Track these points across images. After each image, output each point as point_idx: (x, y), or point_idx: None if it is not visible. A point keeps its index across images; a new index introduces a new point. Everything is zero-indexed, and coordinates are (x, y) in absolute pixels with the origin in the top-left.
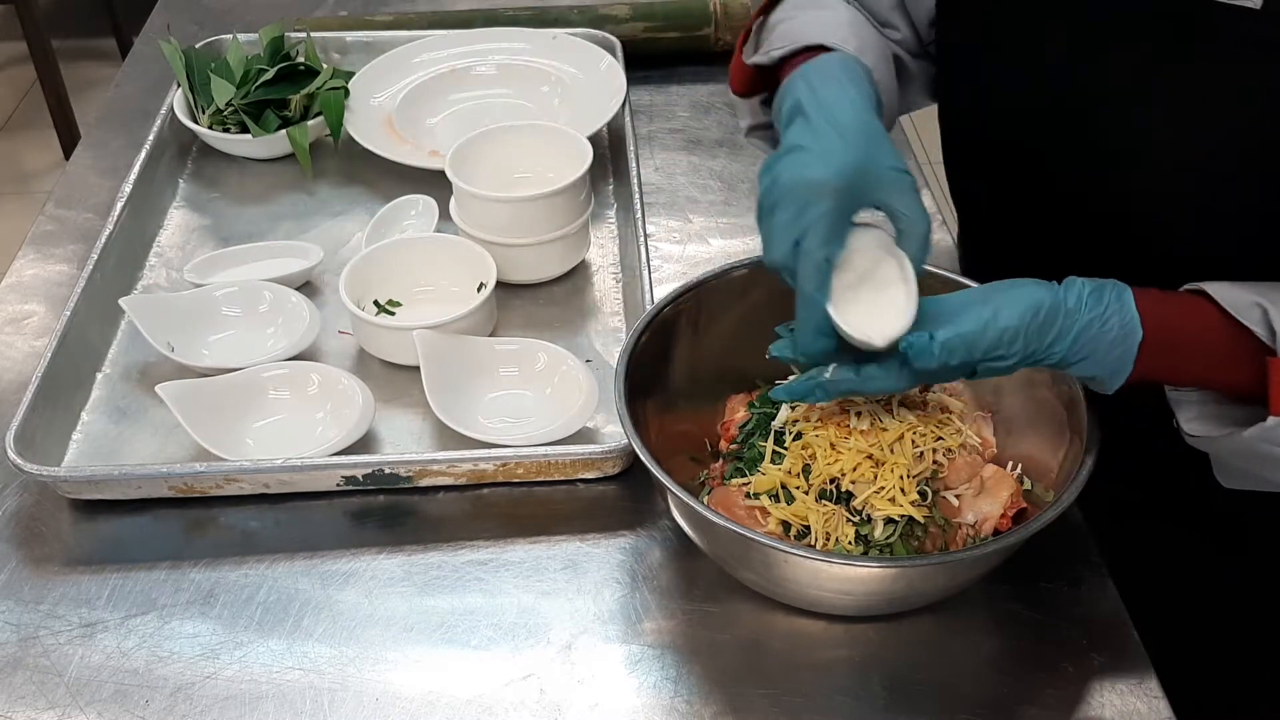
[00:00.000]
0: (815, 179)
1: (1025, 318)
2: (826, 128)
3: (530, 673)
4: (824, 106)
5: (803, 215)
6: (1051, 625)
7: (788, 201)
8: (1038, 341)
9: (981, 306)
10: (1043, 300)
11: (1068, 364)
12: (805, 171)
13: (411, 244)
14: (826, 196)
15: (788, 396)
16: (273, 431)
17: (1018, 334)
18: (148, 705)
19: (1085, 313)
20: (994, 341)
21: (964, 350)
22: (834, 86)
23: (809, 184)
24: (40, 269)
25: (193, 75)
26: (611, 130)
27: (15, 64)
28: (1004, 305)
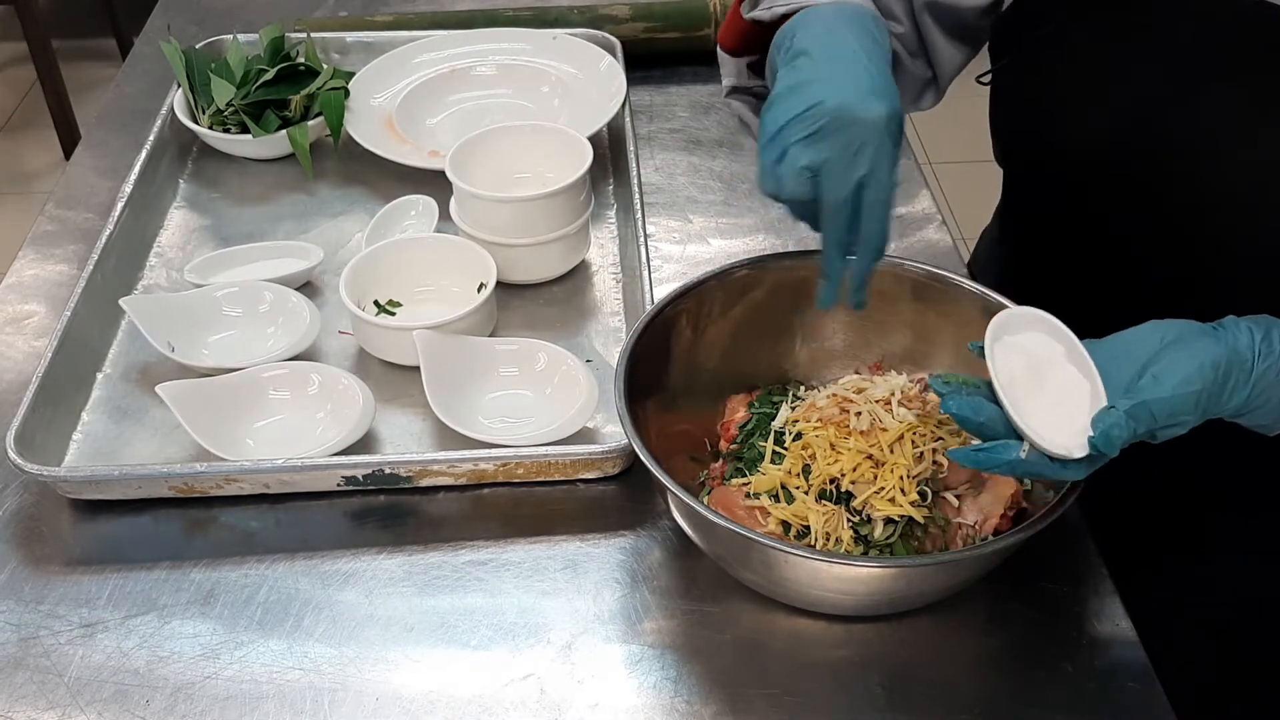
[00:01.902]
0: (872, 114)
1: (1208, 378)
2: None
3: (530, 673)
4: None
5: (861, 154)
6: (1051, 625)
7: (836, 130)
8: (1217, 399)
9: (1155, 365)
10: (1219, 355)
11: (1239, 416)
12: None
13: (411, 244)
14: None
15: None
16: (273, 431)
17: (1201, 396)
18: (148, 705)
19: (1259, 361)
20: (1180, 407)
21: (1149, 419)
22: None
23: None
24: (40, 269)
25: (193, 75)
26: (611, 130)
27: (15, 64)
28: (1180, 365)
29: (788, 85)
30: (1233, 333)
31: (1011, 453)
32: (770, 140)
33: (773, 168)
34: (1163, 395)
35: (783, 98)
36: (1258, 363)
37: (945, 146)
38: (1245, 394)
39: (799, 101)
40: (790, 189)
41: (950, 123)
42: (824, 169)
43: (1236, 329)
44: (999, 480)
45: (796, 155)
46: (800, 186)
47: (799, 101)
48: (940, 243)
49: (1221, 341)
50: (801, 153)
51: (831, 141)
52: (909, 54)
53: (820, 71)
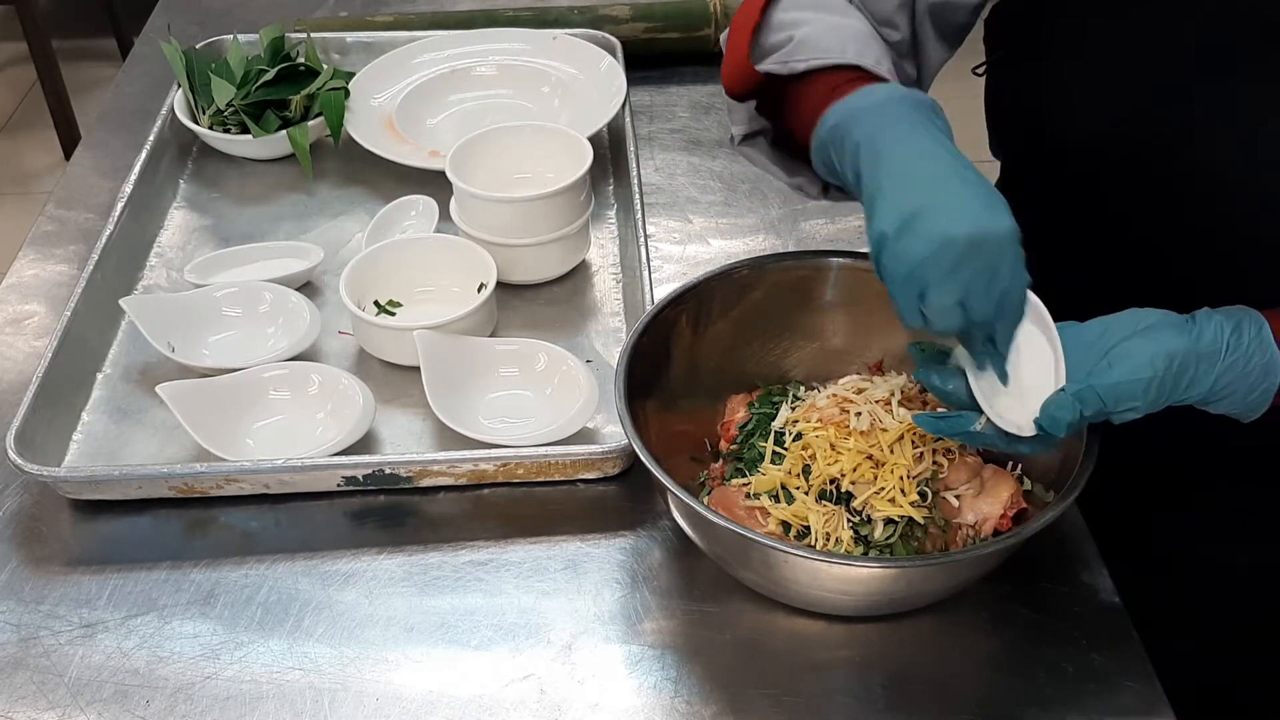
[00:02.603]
0: (1002, 229)
1: (1159, 367)
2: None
3: (530, 673)
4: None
5: (1000, 269)
6: (1051, 625)
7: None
8: (1172, 388)
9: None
10: (1178, 347)
11: (1204, 404)
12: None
13: (411, 244)
14: (1018, 242)
15: (929, 429)
16: (273, 432)
17: (1151, 384)
18: (148, 705)
19: (1226, 355)
20: (1127, 392)
21: (1096, 402)
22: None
23: (998, 236)
24: (41, 269)
25: (193, 75)
26: (611, 130)
27: (15, 64)
28: (1135, 353)
29: (898, 219)
30: (1201, 325)
31: (969, 424)
32: (904, 281)
33: (914, 306)
34: (1110, 381)
35: (899, 235)
36: (1223, 355)
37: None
38: (1208, 384)
39: (925, 238)
40: (941, 326)
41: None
42: (968, 298)
43: (1206, 321)
44: (999, 480)
45: (942, 295)
46: (952, 321)
47: (925, 238)
48: None
49: (1186, 334)
50: (947, 291)
51: (970, 270)
52: (900, 57)
53: (925, 197)
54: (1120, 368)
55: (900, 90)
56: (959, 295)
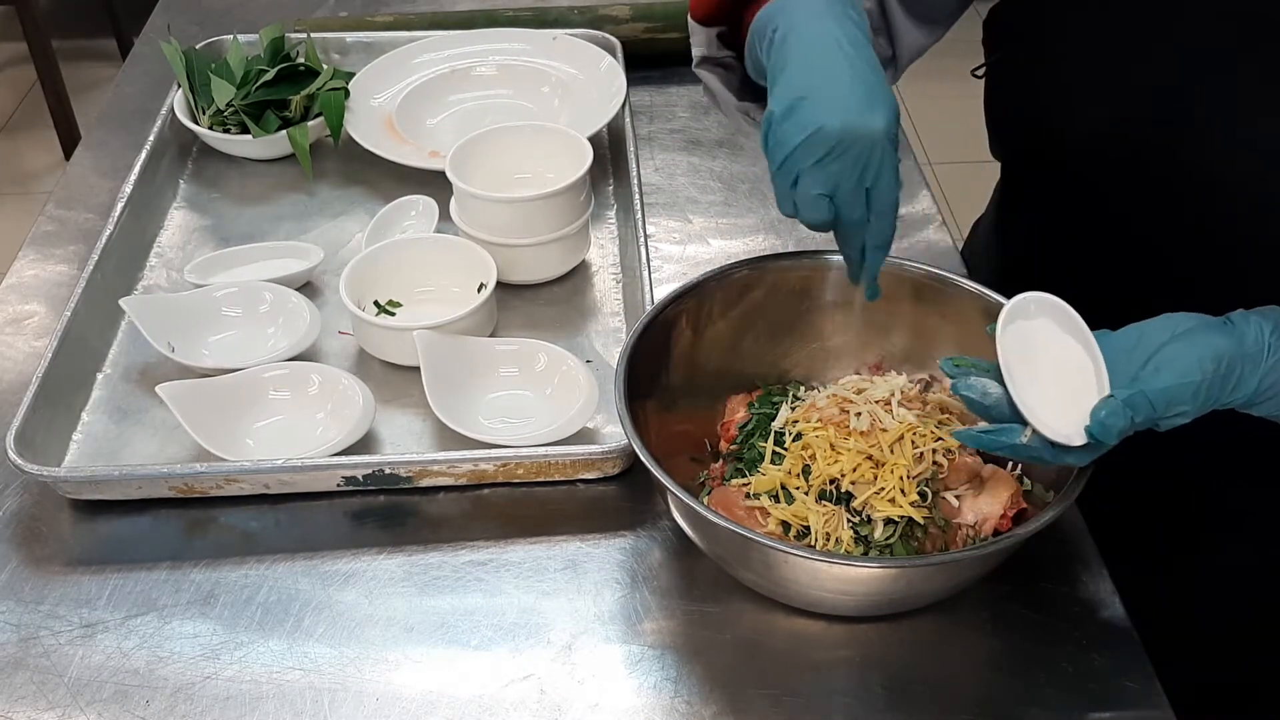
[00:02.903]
0: (875, 127)
1: (1208, 370)
2: (849, 71)
3: (530, 673)
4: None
5: (869, 165)
6: (1051, 625)
7: (844, 151)
8: (1219, 391)
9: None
10: (1223, 349)
11: (1248, 407)
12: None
13: (411, 244)
14: (890, 141)
15: (973, 444)
16: (273, 432)
17: (1200, 387)
18: (148, 705)
19: (1269, 355)
20: (1177, 396)
21: (1147, 408)
22: (830, 21)
23: (869, 133)
24: (40, 269)
25: (193, 76)
26: (611, 131)
27: (15, 64)
28: (1181, 355)
29: (786, 102)
30: (1241, 327)
31: (1014, 436)
32: (780, 167)
33: (788, 193)
34: (1160, 386)
35: (782, 120)
36: (1265, 356)
37: (945, 146)
38: (1253, 386)
39: (801, 126)
40: (809, 215)
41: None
42: (837, 191)
43: (1245, 322)
44: (999, 480)
45: (810, 183)
46: (818, 212)
47: (801, 126)
48: (940, 243)
49: (1228, 335)
50: (814, 180)
51: (840, 163)
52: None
53: (814, 85)
54: (1169, 372)
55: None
56: (827, 187)
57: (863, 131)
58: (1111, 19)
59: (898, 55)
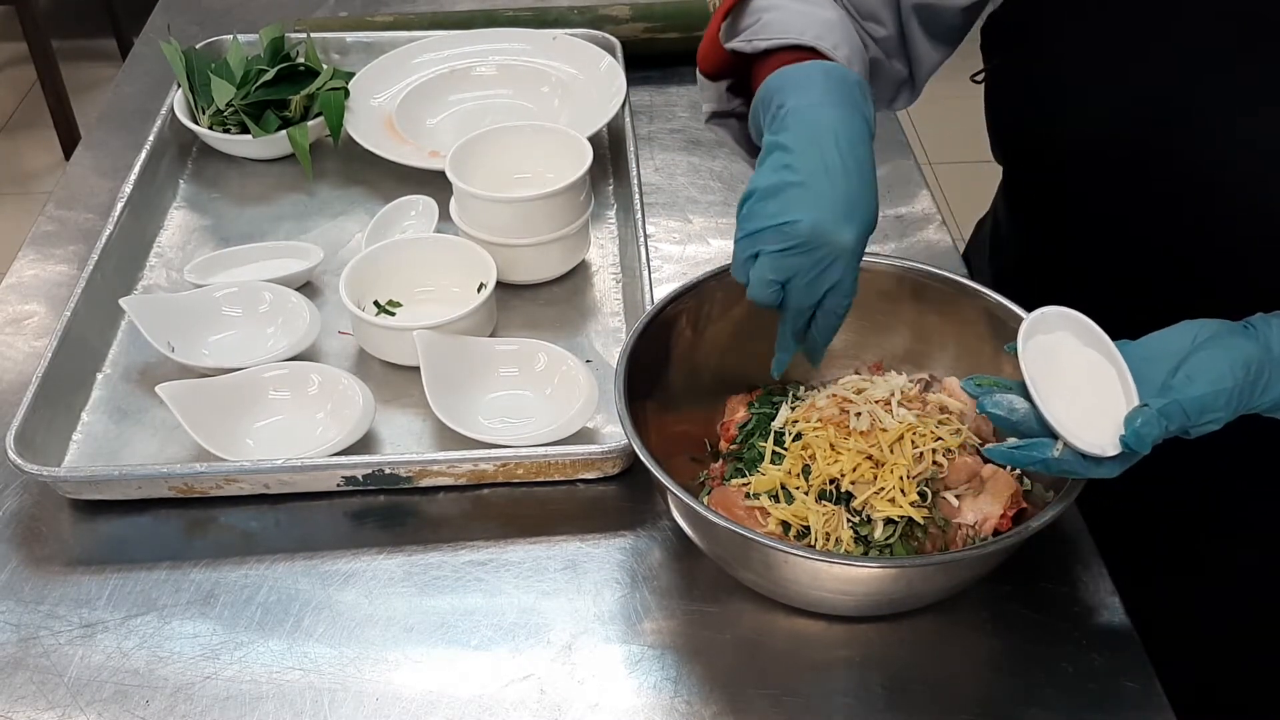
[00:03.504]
0: (844, 239)
1: (1239, 375)
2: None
3: (530, 673)
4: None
5: (828, 271)
6: (1051, 625)
7: (807, 251)
8: (1249, 395)
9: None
10: (1252, 353)
11: (1273, 411)
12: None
13: (411, 244)
14: (854, 255)
15: (1005, 461)
16: (273, 431)
17: (1233, 393)
18: (148, 705)
19: None
20: (1210, 404)
21: (1181, 416)
22: (837, 109)
23: (837, 244)
24: (40, 269)
25: (193, 76)
26: (611, 130)
27: (15, 64)
28: (1212, 363)
29: (769, 183)
30: (1264, 331)
31: (1046, 451)
32: (745, 236)
33: (744, 265)
34: (1195, 394)
35: (763, 196)
36: None
37: (945, 146)
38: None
39: (777, 209)
40: (756, 294)
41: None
42: (791, 282)
43: (1268, 327)
44: (999, 480)
45: (766, 268)
46: (767, 296)
47: (777, 209)
48: (940, 243)
49: (1254, 340)
50: (771, 266)
51: (801, 260)
52: (887, 55)
53: (800, 174)
54: (1202, 380)
55: (837, 68)
56: (781, 276)
57: (830, 239)
58: (1109, 22)
59: (915, 75)
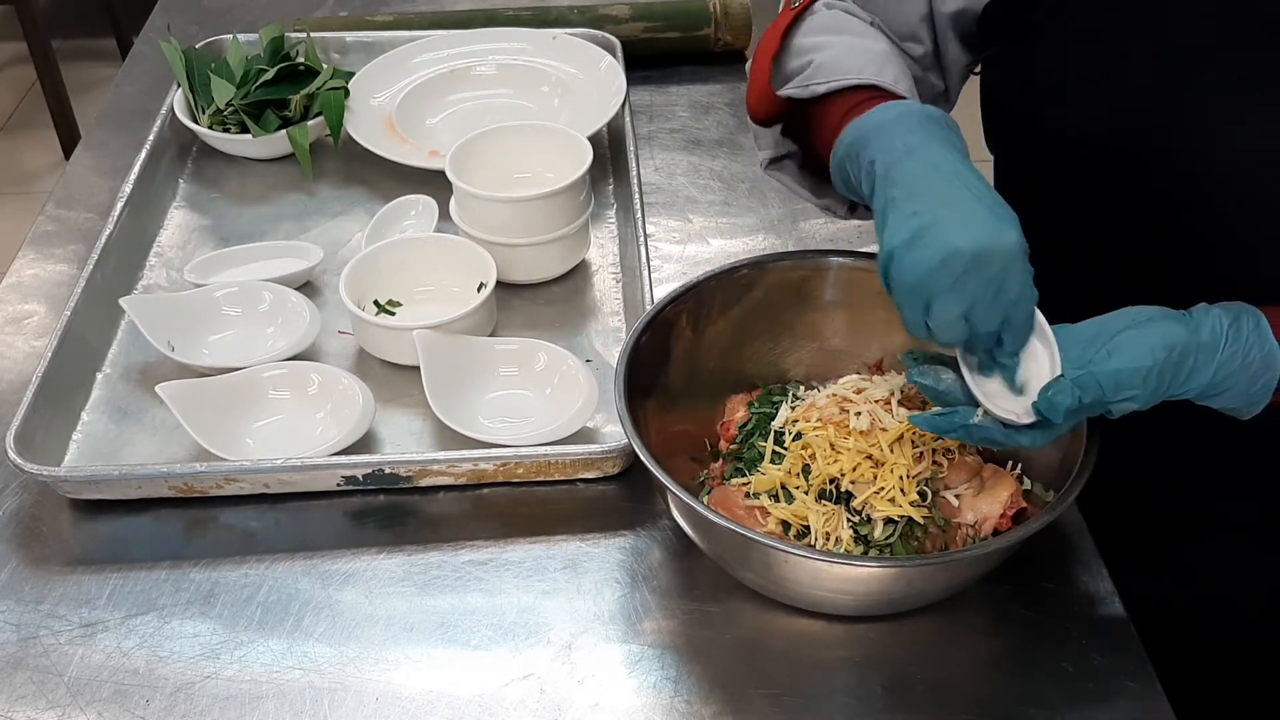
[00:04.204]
0: (1010, 243)
1: (1159, 355)
2: (968, 194)
3: (530, 673)
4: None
5: (1006, 283)
6: (1051, 625)
7: (979, 270)
8: (1172, 379)
9: (1111, 342)
10: (1176, 337)
11: (1205, 398)
12: (993, 237)
13: (411, 244)
14: (1024, 255)
15: (928, 428)
16: (273, 431)
17: (1152, 372)
18: (148, 705)
19: (1225, 346)
20: (1127, 380)
21: (1095, 389)
22: (929, 145)
23: (1005, 250)
24: (40, 269)
25: (193, 75)
26: (611, 130)
27: (15, 64)
28: (1134, 342)
29: (905, 237)
30: (1199, 319)
31: (967, 418)
32: (909, 292)
33: (920, 319)
34: (1110, 368)
35: (908, 247)
36: (1222, 348)
37: None
38: (1207, 377)
39: (932, 251)
40: (948, 338)
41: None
42: (973, 311)
43: (1204, 314)
44: (999, 480)
45: (947, 307)
46: (957, 333)
47: (932, 251)
48: None
49: (1185, 324)
50: (951, 303)
51: (976, 283)
52: (924, 70)
53: (934, 210)
54: (1120, 356)
55: (915, 106)
56: (963, 308)
57: (997, 249)
58: (1105, 13)
59: (949, 86)
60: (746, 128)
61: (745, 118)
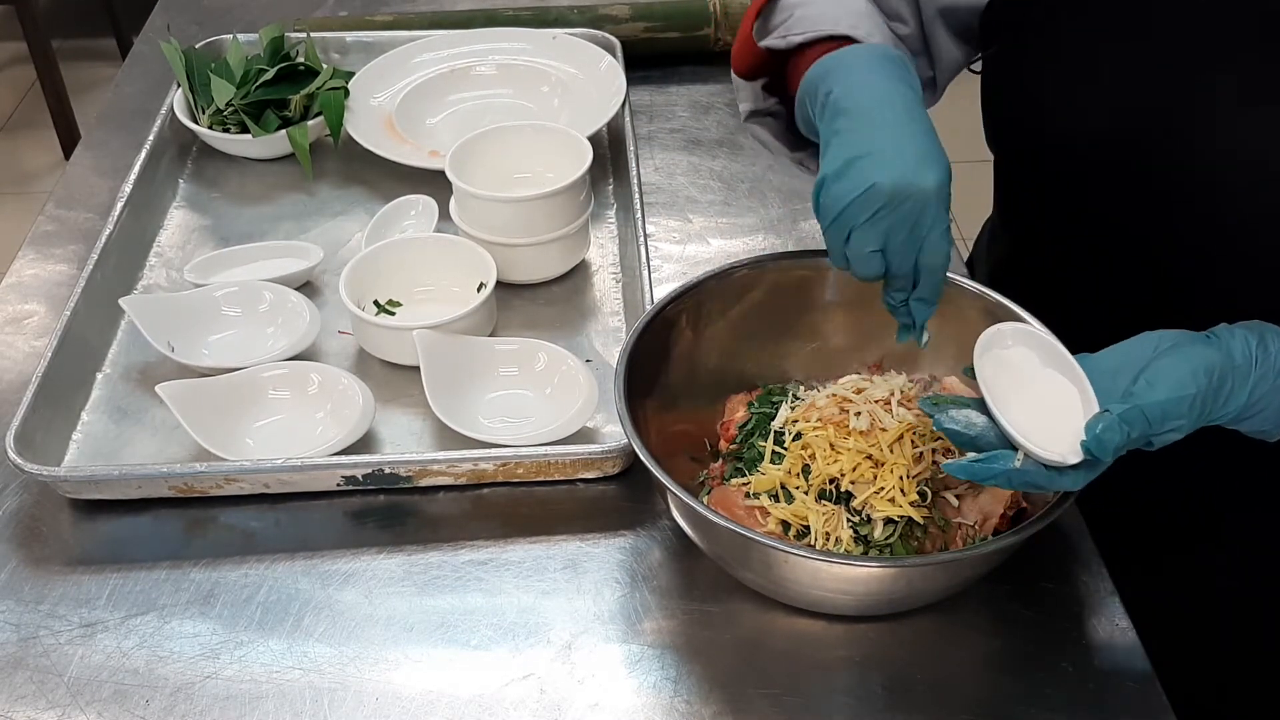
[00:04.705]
0: (927, 185)
1: (1202, 382)
2: (907, 131)
3: (530, 673)
4: (883, 106)
5: (919, 222)
6: (1051, 625)
7: (895, 208)
8: (1213, 404)
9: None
10: (1214, 361)
11: (1238, 421)
12: (913, 175)
13: (411, 244)
14: (941, 200)
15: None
16: (273, 431)
17: (1196, 400)
18: (148, 705)
19: (1256, 368)
20: (1173, 410)
21: (1142, 423)
22: (884, 81)
23: (921, 191)
24: (40, 269)
25: (193, 75)
26: (611, 130)
27: (15, 64)
28: (1173, 370)
29: (840, 162)
30: (1227, 340)
31: (1007, 462)
32: (833, 222)
33: (841, 248)
34: (1156, 399)
35: (836, 177)
36: (1254, 369)
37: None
38: (1243, 399)
39: (855, 182)
40: (861, 269)
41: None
42: (888, 246)
43: (1231, 336)
44: None
45: (862, 240)
46: (871, 267)
47: (855, 182)
48: None
49: (1216, 347)
50: (867, 237)
51: (892, 219)
52: (912, 54)
53: (869, 143)
54: (1163, 386)
55: (877, 47)
56: (879, 243)
57: (915, 189)
58: (1105, 15)
59: (938, 76)
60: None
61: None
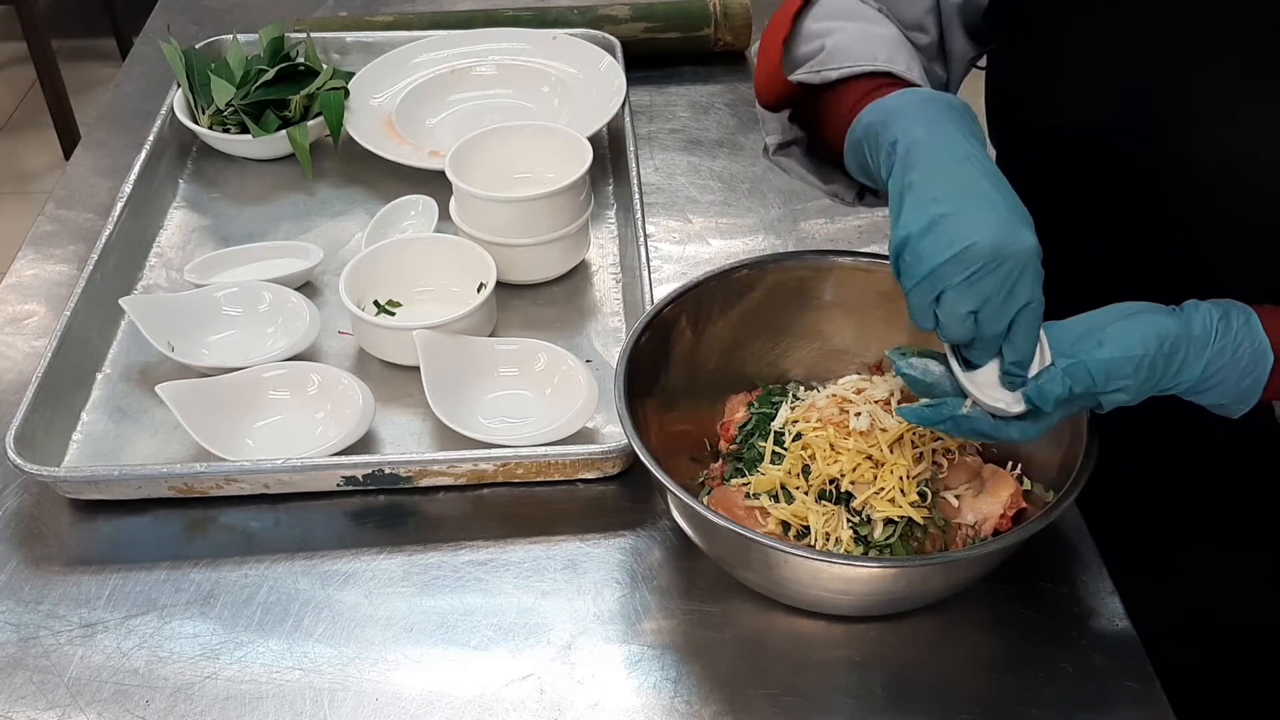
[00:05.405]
0: (1026, 246)
1: (1150, 345)
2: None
3: (530, 673)
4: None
5: (1019, 285)
6: (1051, 625)
7: (994, 269)
8: (1163, 371)
9: (1101, 333)
10: (1167, 329)
11: (1195, 393)
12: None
13: (411, 244)
14: (1038, 261)
15: (915, 420)
16: (273, 431)
17: (1143, 362)
18: (148, 705)
19: (1215, 341)
20: (1117, 369)
21: (1085, 378)
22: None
23: (1020, 252)
24: (40, 269)
25: (193, 75)
26: (611, 130)
27: (15, 64)
28: (1125, 332)
29: (925, 219)
30: (1190, 312)
31: (955, 409)
32: (921, 282)
33: (928, 309)
34: (1101, 356)
35: (923, 237)
36: (1212, 341)
37: None
38: (1198, 371)
39: (947, 242)
40: (954, 334)
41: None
42: (983, 310)
43: (1195, 309)
44: (999, 481)
45: (957, 301)
46: (965, 330)
47: (947, 242)
48: None
49: (1176, 318)
50: (962, 299)
51: (989, 281)
52: (929, 60)
53: (952, 200)
54: (1111, 345)
55: (936, 93)
56: (975, 304)
57: (1014, 249)
58: (1106, 9)
59: (951, 76)
60: (747, 128)
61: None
